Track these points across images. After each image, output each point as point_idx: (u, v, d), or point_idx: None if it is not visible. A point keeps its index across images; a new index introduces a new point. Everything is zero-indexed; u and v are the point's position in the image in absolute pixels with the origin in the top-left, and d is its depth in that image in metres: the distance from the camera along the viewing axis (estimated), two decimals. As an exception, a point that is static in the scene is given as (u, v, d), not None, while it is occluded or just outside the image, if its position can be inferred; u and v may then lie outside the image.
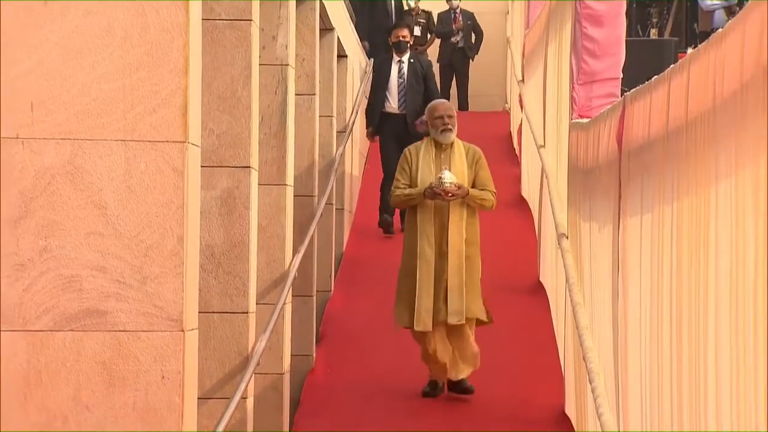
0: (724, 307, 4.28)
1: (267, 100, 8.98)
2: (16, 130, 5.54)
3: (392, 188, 10.07)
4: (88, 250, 5.55)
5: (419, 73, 14.30)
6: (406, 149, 10.27)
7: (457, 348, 9.87)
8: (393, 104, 14.34)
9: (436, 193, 9.76)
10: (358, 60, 15.79)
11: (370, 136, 14.86)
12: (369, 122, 14.65)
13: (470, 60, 20.78)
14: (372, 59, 16.10)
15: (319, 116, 11.84)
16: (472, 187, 9.90)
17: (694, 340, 4.76)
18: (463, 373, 9.93)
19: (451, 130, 10.01)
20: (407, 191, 9.94)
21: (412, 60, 14.37)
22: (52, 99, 5.54)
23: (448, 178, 9.75)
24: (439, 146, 10.04)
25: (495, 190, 10.05)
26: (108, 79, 5.55)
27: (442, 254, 9.83)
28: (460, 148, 10.08)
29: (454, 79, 20.79)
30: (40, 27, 5.55)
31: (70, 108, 5.55)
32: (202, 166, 6.24)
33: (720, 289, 4.35)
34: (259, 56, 8.21)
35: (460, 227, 9.86)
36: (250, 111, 7.85)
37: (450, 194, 9.75)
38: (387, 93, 14.34)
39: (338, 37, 13.24)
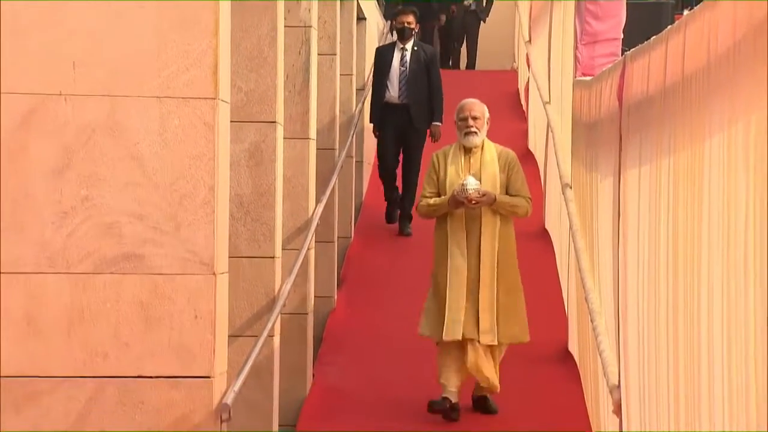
0: (716, 251, 4.29)
1: (291, 60, 8.98)
2: (59, 87, 5.55)
3: (420, 198, 8.76)
4: (127, 199, 5.57)
5: (423, 61, 12.61)
6: (433, 154, 8.87)
7: (488, 360, 8.61)
8: (393, 94, 12.62)
9: (459, 201, 8.42)
10: (375, 22, 15.74)
11: (374, 132, 13.06)
12: (371, 117, 13.12)
13: (481, 22, 20.74)
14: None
15: (340, 75, 11.85)
16: (506, 192, 8.59)
17: (689, 280, 4.77)
18: (489, 389, 8.72)
19: (475, 133, 8.63)
20: (432, 201, 8.59)
21: (416, 48, 12.66)
22: (93, 59, 5.54)
23: (472, 184, 8.40)
24: (468, 150, 8.67)
25: (530, 196, 8.73)
26: (144, 40, 5.56)
27: (474, 264, 8.52)
28: (491, 150, 8.70)
29: (466, 40, 20.74)
30: (81, -9, 5.56)
31: (109, 67, 5.55)
32: (231, 121, 6.24)
33: (713, 235, 4.35)
34: (284, 19, 8.20)
35: (492, 237, 8.53)
36: (275, 70, 7.85)
37: (474, 201, 8.40)
38: (388, 81, 12.62)
39: (357, 1, 13.21)
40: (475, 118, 8.63)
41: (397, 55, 12.64)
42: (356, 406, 9.08)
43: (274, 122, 7.88)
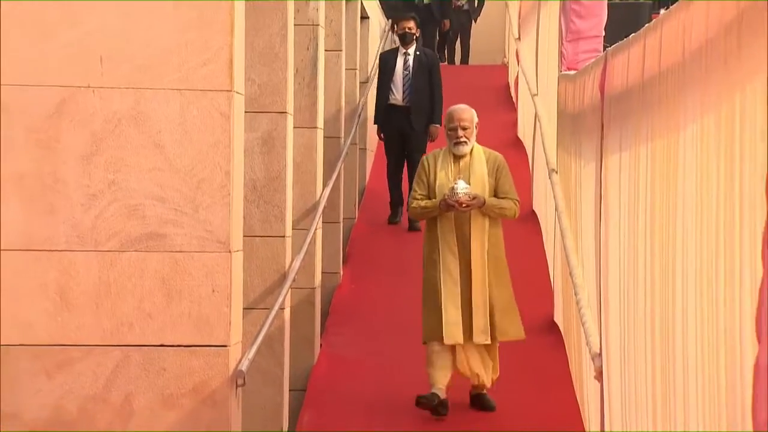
0: (690, 230, 4.30)
1: (301, 56, 8.97)
2: (87, 80, 5.55)
3: (410, 199, 8.29)
4: (149, 183, 5.57)
5: (425, 65, 12.25)
6: (424, 157, 8.46)
7: (486, 358, 8.22)
8: (398, 96, 12.28)
9: (449, 204, 7.99)
10: (378, 21, 15.72)
11: (378, 133, 12.84)
12: (375, 118, 12.74)
13: (474, 21, 20.71)
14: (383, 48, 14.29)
15: (345, 69, 11.84)
16: (495, 194, 8.20)
17: (665, 256, 4.78)
18: (487, 386, 8.31)
19: (465, 143, 8.18)
20: (423, 203, 8.15)
21: (418, 52, 12.31)
22: (118, 54, 5.55)
23: (462, 188, 7.99)
24: (457, 155, 8.27)
25: (518, 198, 8.32)
26: (166, 37, 5.56)
27: (465, 266, 8.09)
28: (480, 155, 8.26)
29: (459, 37, 20.70)
30: (108, -7, 5.55)
31: (134, 62, 5.56)
32: (245, 112, 6.24)
33: (686, 216, 4.36)
34: (294, 18, 8.19)
35: (482, 239, 8.11)
36: (286, 65, 7.84)
37: (464, 205, 7.98)
38: (392, 85, 12.27)
39: (361, 2, 13.20)
40: (464, 128, 8.16)
41: (400, 60, 12.32)
42: (360, 372, 9.10)
43: (285, 113, 7.88)
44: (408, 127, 12.26)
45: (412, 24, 12.26)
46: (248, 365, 5.82)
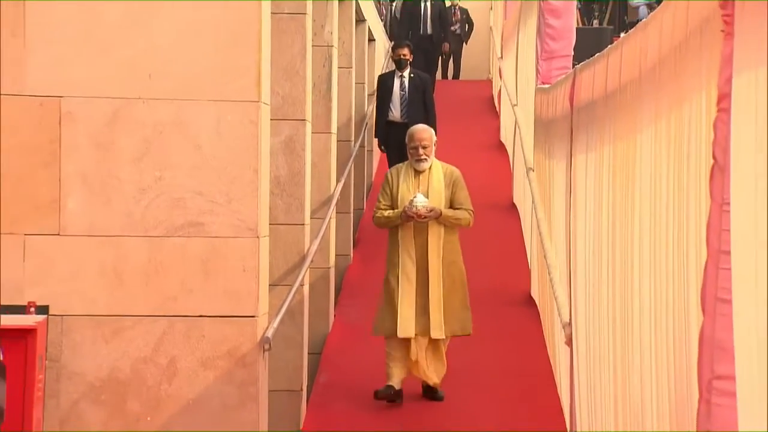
0: (645, 218, 4.30)
1: (318, 72, 8.97)
2: (138, 93, 5.55)
3: (375, 209, 7.87)
4: (190, 180, 5.57)
5: (419, 86, 11.85)
6: (387, 172, 8.12)
7: (432, 356, 7.80)
8: (396, 114, 11.81)
9: (409, 215, 7.59)
10: (383, 43, 15.71)
11: (379, 145, 12.47)
12: (375, 133, 12.37)
13: (464, 43, 20.69)
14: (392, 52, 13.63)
15: (355, 83, 11.84)
16: (451, 205, 7.76)
17: (624, 240, 4.78)
18: (435, 378, 7.83)
19: (425, 160, 7.78)
20: (387, 213, 7.73)
21: (412, 75, 11.91)
22: (164, 71, 5.55)
23: (420, 201, 7.60)
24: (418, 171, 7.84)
25: (472, 209, 7.85)
26: (204, 57, 5.56)
27: (422, 270, 7.68)
28: (438, 170, 7.85)
29: (452, 57, 20.68)
30: (153, 17, 5.55)
31: (177, 77, 5.56)
32: (271, 119, 6.24)
33: (643, 206, 4.36)
34: (312, 40, 8.19)
35: (438, 246, 7.69)
36: (305, 80, 7.84)
37: (422, 216, 7.57)
38: (391, 104, 11.84)
39: (369, 26, 13.19)
40: (424, 147, 7.77)
41: (397, 82, 11.88)
42: (367, 338, 9.10)
43: (304, 120, 7.88)
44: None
45: (406, 51, 11.93)
46: (273, 332, 5.83)
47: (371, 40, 13.88)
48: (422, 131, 7.93)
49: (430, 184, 7.77)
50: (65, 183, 5.50)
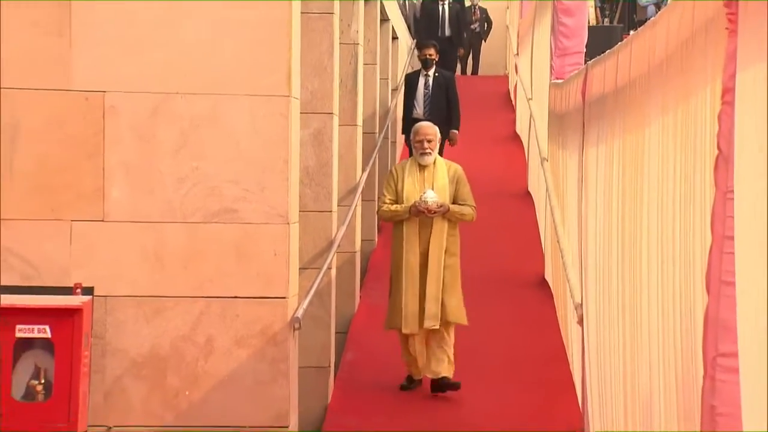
0: (653, 207, 4.29)
1: (344, 68, 8.97)
2: (177, 88, 5.56)
3: (379, 204, 7.79)
4: (225, 169, 5.58)
5: (442, 85, 11.78)
6: (392, 167, 8.13)
7: (433, 353, 7.61)
8: (419, 111, 11.74)
9: (419, 210, 7.51)
10: (405, 41, 15.69)
11: (405, 141, 12.12)
12: (403, 129, 12.29)
13: (483, 41, 20.66)
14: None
15: (379, 79, 11.83)
16: (453, 201, 7.66)
17: (633, 227, 4.78)
18: (442, 372, 7.61)
19: (429, 153, 7.70)
20: (393, 207, 7.62)
21: (437, 74, 11.84)
22: (201, 67, 5.56)
23: (431, 196, 7.54)
24: (422, 165, 7.75)
25: (474, 205, 7.73)
26: (239, 54, 5.56)
27: (425, 264, 7.57)
28: (442, 166, 7.76)
29: (471, 53, 20.64)
30: (190, 16, 5.56)
31: (214, 74, 5.56)
32: (301, 113, 6.25)
33: (651, 196, 4.35)
34: (339, 38, 8.19)
35: (441, 240, 7.58)
36: (333, 76, 7.84)
37: (432, 211, 7.51)
38: (415, 101, 11.80)
39: (392, 25, 13.18)
40: (429, 141, 7.70)
41: (422, 81, 11.81)
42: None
43: (332, 113, 7.88)
44: None
45: (432, 51, 11.84)
46: (303, 313, 5.83)
47: (395, 38, 13.87)
48: (428, 127, 7.88)
49: (434, 180, 7.65)
50: (109, 172, 5.53)
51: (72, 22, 5.50)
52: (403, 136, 12.42)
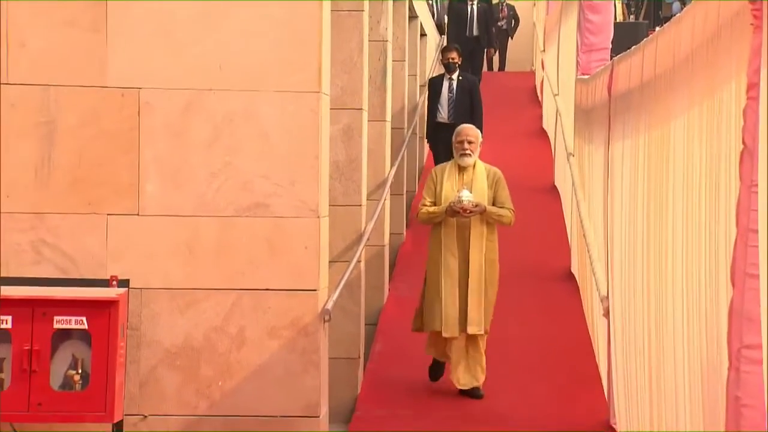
0: (678, 200, 4.29)
1: (373, 65, 8.98)
2: (209, 84, 5.59)
3: (419, 206, 7.52)
4: (257, 164, 5.60)
5: (466, 89, 11.46)
6: (432, 169, 7.75)
7: (470, 361, 7.40)
8: (444, 115, 11.46)
9: (455, 210, 7.24)
10: (433, 38, 15.68)
11: (429, 144, 12.17)
12: (426, 134, 12.14)
13: (510, 38, 20.62)
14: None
15: (408, 75, 11.82)
16: (493, 204, 7.39)
17: (658, 221, 4.77)
18: (476, 383, 7.41)
19: (470, 155, 7.45)
20: (431, 209, 7.39)
21: (461, 78, 11.52)
22: (234, 64, 5.57)
23: (466, 196, 7.26)
24: (462, 168, 7.48)
25: (513, 209, 7.46)
26: (270, 52, 5.58)
27: (464, 268, 7.32)
28: (481, 169, 7.49)
29: (498, 50, 20.61)
30: (223, 15, 5.58)
31: (245, 70, 5.58)
32: (331, 109, 6.26)
33: (676, 190, 4.35)
34: (368, 35, 8.20)
35: (481, 244, 7.33)
36: (362, 72, 7.85)
37: (468, 211, 7.23)
38: (439, 105, 11.51)
39: (420, 23, 13.17)
40: (470, 143, 7.46)
41: (446, 84, 11.49)
42: (419, 311, 9.12)
43: (361, 109, 7.89)
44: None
45: (455, 54, 11.52)
46: (333, 305, 5.85)
47: (423, 35, 13.86)
48: (469, 128, 7.67)
49: (474, 183, 7.42)
50: (143, 167, 5.56)
51: (108, 20, 5.54)
52: (428, 142, 12.18)
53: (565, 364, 8.07)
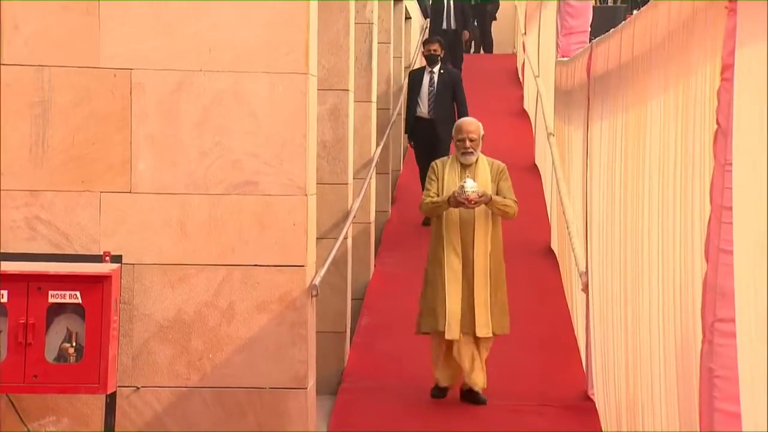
0: (654, 180, 4.29)
1: (359, 47, 8.95)
2: (199, 65, 5.56)
3: (423, 197, 6.96)
4: (246, 143, 5.58)
5: (448, 83, 10.84)
6: (433, 162, 7.09)
7: (477, 361, 6.84)
8: (423, 110, 10.87)
9: (459, 201, 6.66)
10: (418, 21, 15.63)
11: (408, 141, 11.55)
12: (405, 128, 11.45)
13: (494, 19, 20.58)
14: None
15: (393, 57, 11.79)
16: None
17: (635, 200, 4.77)
18: (481, 384, 6.86)
19: (471, 153, 6.86)
20: (435, 198, 6.81)
21: (442, 71, 10.93)
22: (223, 46, 5.54)
23: (470, 186, 6.67)
24: (464, 164, 6.93)
25: (516, 200, 6.92)
26: (258, 34, 5.55)
27: (468, 265, 6.75)
28: (484, 163, 6.93)
29: (482, 33, 20.54)
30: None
31: (234, 51, 5.55)
32: (318, 89, 6.23)
33: (652, 169, 4.35)
34: (354, 18, 8.16)
35: (485, 242, 6.77)
36: (348, 53, 7.82)
37: (473, 201, 6.65)
38: (419, 99, 10.90)
39: (405, 6, 13.13)
40: (472, 140, 6.84)
41: (426, 78, 10.90)
42: (404, 284, 9.13)
43: (347, 90, 7.87)
44: (434, 137, 10.71)
45: (437, 46, 10.94)
46: (320, 280, 5.84)
47: (407, 18, 13.82)
48: (470, 123, 6.98)
49: (476, 177, 6.83)
50: (136, 146, 5.54)
51: (101, 2, 5.50)
52: (407, 137, 11.53)
53: (544, 336, 8.09)
